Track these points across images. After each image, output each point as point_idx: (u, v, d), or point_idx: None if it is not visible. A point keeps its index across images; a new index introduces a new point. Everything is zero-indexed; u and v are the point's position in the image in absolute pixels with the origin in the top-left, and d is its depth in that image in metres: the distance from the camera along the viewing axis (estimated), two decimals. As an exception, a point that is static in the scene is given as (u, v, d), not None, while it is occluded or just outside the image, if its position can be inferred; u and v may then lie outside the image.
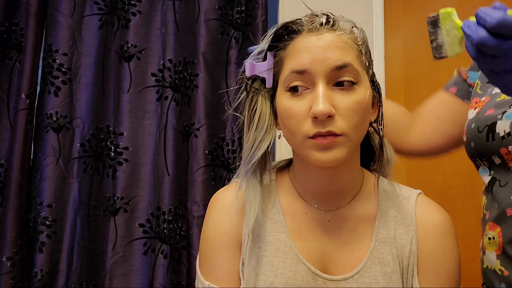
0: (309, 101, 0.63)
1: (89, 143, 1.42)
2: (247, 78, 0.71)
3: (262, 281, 0.68)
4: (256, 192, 0.70)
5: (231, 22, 1.51)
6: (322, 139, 0.62)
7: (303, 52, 0.64)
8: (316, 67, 0.63)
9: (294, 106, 0.64)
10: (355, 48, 0.66)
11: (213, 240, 0.73)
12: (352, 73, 0.64)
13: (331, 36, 0.64)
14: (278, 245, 0.70)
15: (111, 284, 1.33)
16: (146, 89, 1.45)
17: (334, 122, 0.62)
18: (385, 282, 0.67)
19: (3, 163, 1.36)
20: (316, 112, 0.61)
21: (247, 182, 0.70)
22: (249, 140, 0.69)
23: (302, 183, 0.73)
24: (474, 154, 0.77)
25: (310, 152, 0.64)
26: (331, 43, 0.64)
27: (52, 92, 1.39)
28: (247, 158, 0.69)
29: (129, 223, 1.38)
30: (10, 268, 1.25)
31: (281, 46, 0.68)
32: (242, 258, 0.71)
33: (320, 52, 0.63)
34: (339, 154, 0.63)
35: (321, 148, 0.63)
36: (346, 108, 0.63)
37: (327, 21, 0.65)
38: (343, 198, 0.72)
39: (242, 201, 0.73)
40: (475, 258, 1.10)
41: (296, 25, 0.67)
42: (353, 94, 0.64)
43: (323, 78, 0.63)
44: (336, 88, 0.64)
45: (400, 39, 1.51)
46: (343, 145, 0.63)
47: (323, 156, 0.63)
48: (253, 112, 0.70)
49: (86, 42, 1.44)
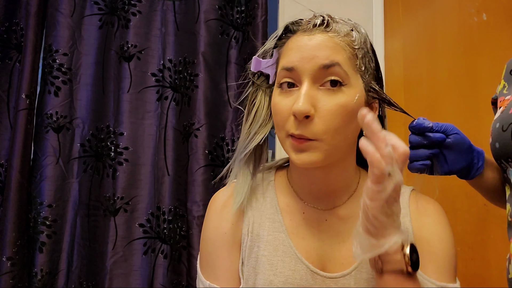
0: (294, 99, 0.64)
1: (89, 143, 1.42)
2: (252, 73, 0.74)
3: (262, 280, 0.68)
4: (246, 182, 0.72)
5: (231, 22, 1.51)
6: (294, 141, 0.64)
7: (294, 50, 0.66)
8: (304, 65, 0.64)
9: (281, 102, 0.66)
10: (349, 50, 0.65)
11: (213, 240, 0.74)
12: (339, 74, 0.63)
13: (323, 36, 0.65)
14: (277, 244, 0.70)
15: (111, 284, 1.33)
16: (146, 89, 1.45)
17: (310, 125, 0.62)
18: None
19: (3, 163, 1.36)
20: (294, 110, 0.62)
21: (238, 172, 0.72)
22: (244, 132, 0.72)
23: (298, 183, 0.74)
24: (499, 155, 0.74)
25: (289, 152, 0.66)
26: (322, 43, 0.65)
27: (52, 92, 1.39)
28: (241, 148, 0.71)
29: (129, 223, 1.38)
30: (10, 268, 1.25)
31: (279, 44, 0.70)
32: (242, 258, 0.72)
33: (309, 51, 0.64)
34: (313, 157, 0.63)
35: (296, 149, 0.64)
36: (327, 111, 0.62)
37: (321, 22, 0.66)
38: (339, 198, 0.72)
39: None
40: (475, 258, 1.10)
41: (294, 25, 0.69)
42: (338, 96, 0.63)
43: (309, 77, 0.64)
44: (323, 88, 0.64)
45: (400, 39, 1.51)
46: (317, 149, 0.63)
47: (297, 158, 0.64)
48: (252, 106, 0.72)
49: (86, 42, 1.44)
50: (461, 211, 1.14)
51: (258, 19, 1.45)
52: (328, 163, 0.66)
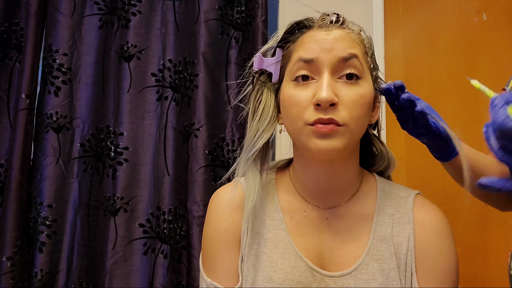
0: (314, 89, 0.65)
1: (89, 143, 1.42)
2: (255, 71, 0.74)
3: (261, 276, 0.69)
4: (256, 180, 0.71)
5: (231, 22, 1.51)
6: (322, 127, 0.63)
7: (312, 43, 0.67)
8: (324, 56, 0.65)
9: (298, 94, 0.66)
10: (362, 47, 0.68)
11: (213, 238, 0.74)
12: (357, 67, 0.65)
13: (340, 31, 0.67)
14: (277, 242, 0.71)
15: (111, 284, 1.33)
16: (146, 89, 1.45)
17: (336, 111, 0.63)
18: (382, 279, 0.67)
19: (3, 163, 1.36)
20: (320, 99, 0.62)
21: (247, 170, 0.71)
22: (252, 129, 0.71)
23: (301, 181, 0.74)
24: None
25: (309, 139, 0.64)
26: (340, 37, 0.66)
27: (52, 92, 1.39)
28: (249, 146, 0.70)
29: (129, 223, 1.38)
30: (10, 268, 1.25)
31: (291, 39, 0.70)
32: (241, 255, 0.72)
33: (328, 43, 0.65)
34: (338, 143, 0.64)
35: (320, 135, 0.63)
36: (349, 100, 0.64)
37: (337, 19, 0.68)
38: (341, 197, 0.72)
39: (240, 198, 0.74)
40: (476, 258, 1.10)
41: (308, 21, 0.70)
42: (357, 88, 0.65)
43: (329, 68, 0.65)
44: (341, 81, 0.65)
45: (400, 39, 1.51)
46: (343, 135, 0.64)
47: (321, 143, 0.63)
48: (258, 103, 0.72)
49: (86, 42, 1.44)
50: (461, 211, 1.14)
51: (258, 19, 1.45)
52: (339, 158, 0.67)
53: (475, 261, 1.10)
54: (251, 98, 0.73)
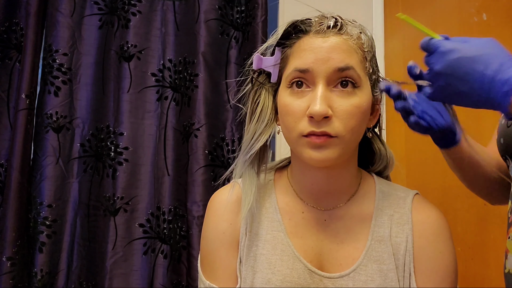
0: (308, 100, 0.64)
1: (89, 143, 1.42)
2: (254, 71, 0.73)
3: (260, 278, 0.69)
4: (252, 182, 0.71)
5: (231, 22, 1.51)
6: (315, 138, 0.63)
7: (308, 51, 0.65)
8: (319, 67, 0.64)
9: (293, 103, 0.66)
10: (360, 53, 0.67)
11: (212, 239, 0.74)
12: (353, 76, 0.65)
13: (337, 39, 0.66)
14: (276, 243, 0.71)
15: (111, 284, 1.33)
16: (146, 89, 1.45)
17: (330, 124, 0.63)
18: (381, 280, 0.67)
19: (3, 163, 1.36)
20: (313, 112, 0.62)
21: (244, 172, 0.71)
22: (249, 132, 0.70)
23: (299, 183, 0.74)
24: (504, 151, 0.73)
25: (304, 150, 0.65)
26: (336, 45, 0.65)
27: (52, 92, 1.39)
28: (246, 149, 0.70)
29: (129, 223, 1.38)
30: (10, 268, 1.25)
31: (287, 43, 0.69)
32: (240, 257, 0.72)
33: (324, 53, 0.64)
34: (332, 154, 0.64)
35: (314, 146, 0.64)
36: (344, 111, 0.63)
37: (334, 24, 0.66)
38: (339, 198, 0.72)
39: (238, 200, 0.74)
40: (475, 258, 1.10)
41: (305, 25, 0.68)
42: (352, 98, 0.64)
43: (324, 79, 0.64)
44: (336, 90, 0.65)
45: (400, 39, 1.51)
46: (336, 146, 0.64)
47: (315, 155, 0.64)
48: (255, 105, 0.71)
49: (86, 42, 1.44)
50: (461, 211, 1.14)
51: (258, 19, 1.45)
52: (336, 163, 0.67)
53: (474, 260, 1.10)
54: (249, 99, 0.73)
